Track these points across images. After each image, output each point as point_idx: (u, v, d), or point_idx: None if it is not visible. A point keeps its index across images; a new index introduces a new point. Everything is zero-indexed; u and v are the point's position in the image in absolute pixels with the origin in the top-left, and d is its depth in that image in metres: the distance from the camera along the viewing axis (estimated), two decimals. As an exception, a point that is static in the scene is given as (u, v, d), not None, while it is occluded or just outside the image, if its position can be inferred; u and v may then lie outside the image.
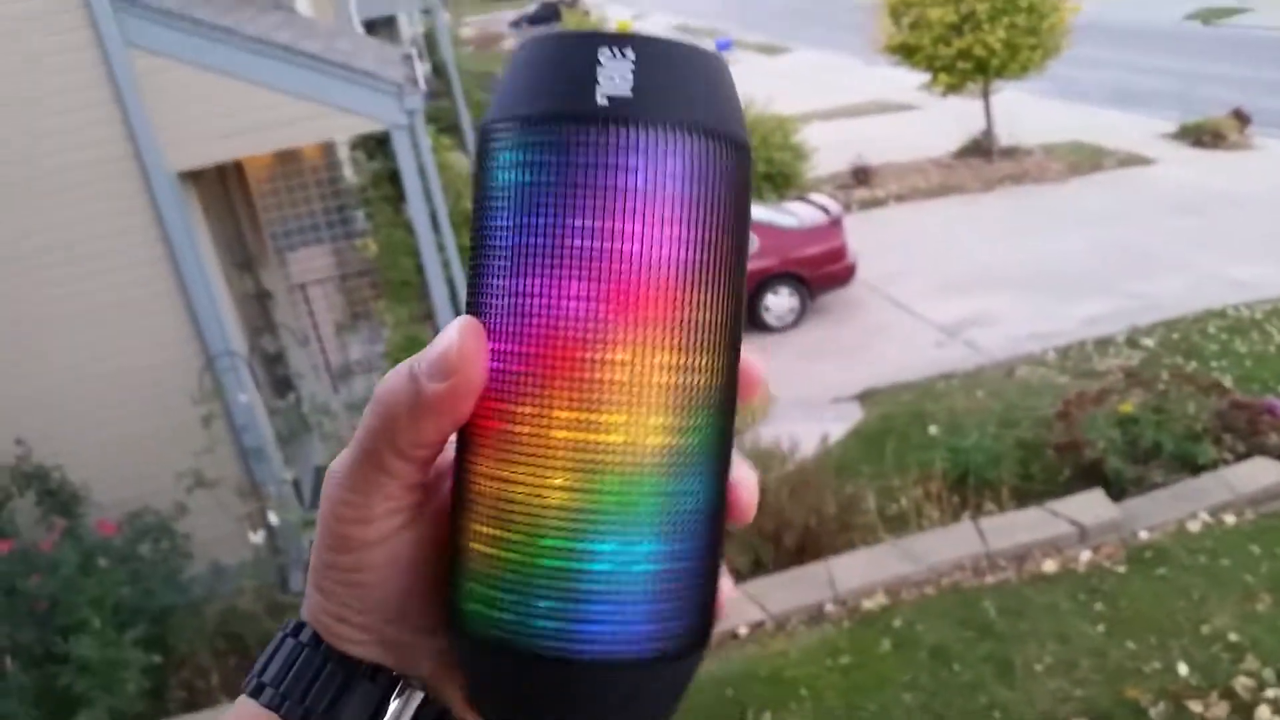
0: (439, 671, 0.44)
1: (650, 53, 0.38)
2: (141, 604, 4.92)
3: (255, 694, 0.43)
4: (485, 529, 0.39)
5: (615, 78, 0.37)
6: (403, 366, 0.40)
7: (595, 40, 0.38)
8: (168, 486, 5.20)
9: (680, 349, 0.38)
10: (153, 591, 5.02)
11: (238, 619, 5.16)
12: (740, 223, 0.39)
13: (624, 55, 0.38)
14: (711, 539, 0.40)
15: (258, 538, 5.36)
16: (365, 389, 6.89)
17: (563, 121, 0.37)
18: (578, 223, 0.37)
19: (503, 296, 0.38)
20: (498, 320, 0.39)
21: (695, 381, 0.38)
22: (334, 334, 8.06)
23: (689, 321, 0.38)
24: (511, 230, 0.38)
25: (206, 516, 5.34)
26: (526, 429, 0.38)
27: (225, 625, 5.18)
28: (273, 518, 5.55)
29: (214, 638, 5.14)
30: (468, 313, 0.40)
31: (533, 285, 0.38)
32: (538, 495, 0.38)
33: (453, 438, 0.41)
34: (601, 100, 0.37)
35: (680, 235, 0.38)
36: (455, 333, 0.39)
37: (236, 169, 7.17)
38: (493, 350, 0.39)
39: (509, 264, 0.38)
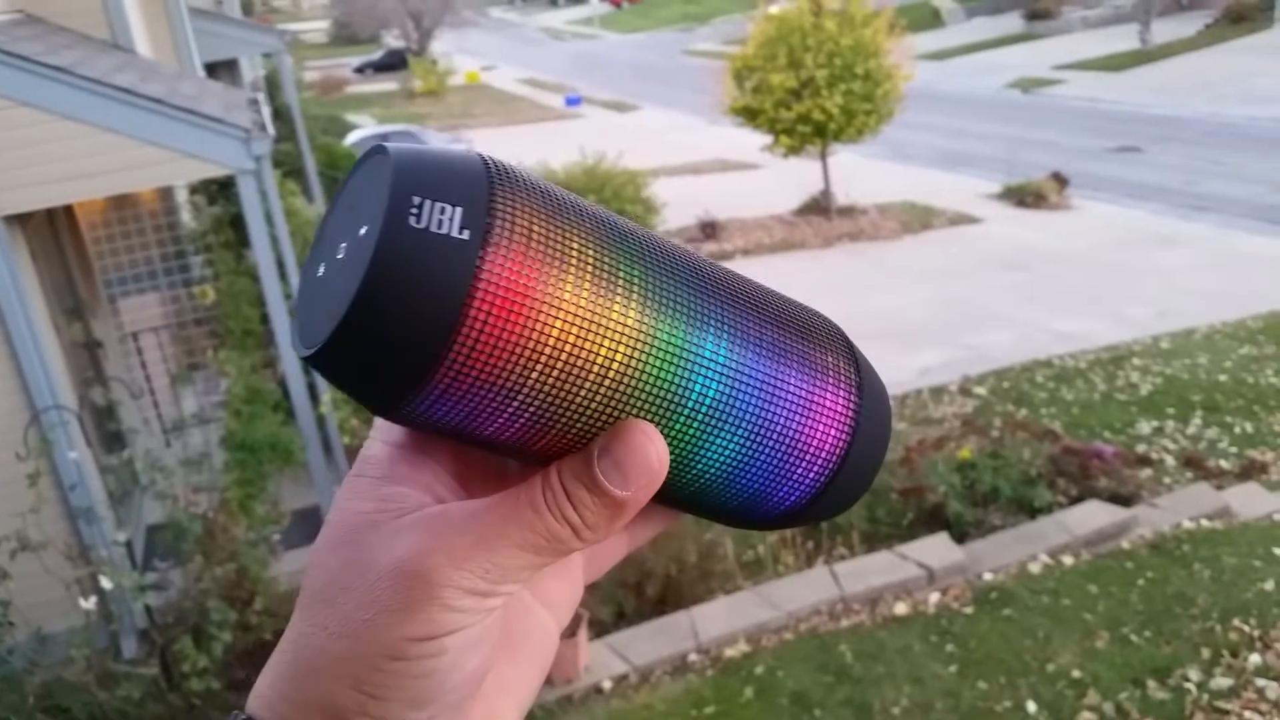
0: None
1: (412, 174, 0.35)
2: (-50, 680, 4.53)
3: None
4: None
5: (443, 216, 0.34)
6: (575, 481, 0.38)
7: (396, 204, 0.34)
8: (-13, 550, 4.83)
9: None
10: (-36, 665, 4.63)
11: (64, 690, 4.81)
12: None
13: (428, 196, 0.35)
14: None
15: (89, 604, 5.03)
16: (201, 442, 6.59)
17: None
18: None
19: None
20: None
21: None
22: (168, 385, 7.69)
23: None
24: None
25: (30, 581, 4.97)
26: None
27: (49, 698, 4.82)
28: (105, 582, 5.22)
29: (35, 713, 4.77)
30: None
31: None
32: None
33: None
34: (460, 234, 0.34)
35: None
36: (645, 440, 0.39)
37: (67, 211, 6.82)
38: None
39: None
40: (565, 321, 0.36)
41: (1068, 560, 5.18)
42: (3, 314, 5.16)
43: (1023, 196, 14.02)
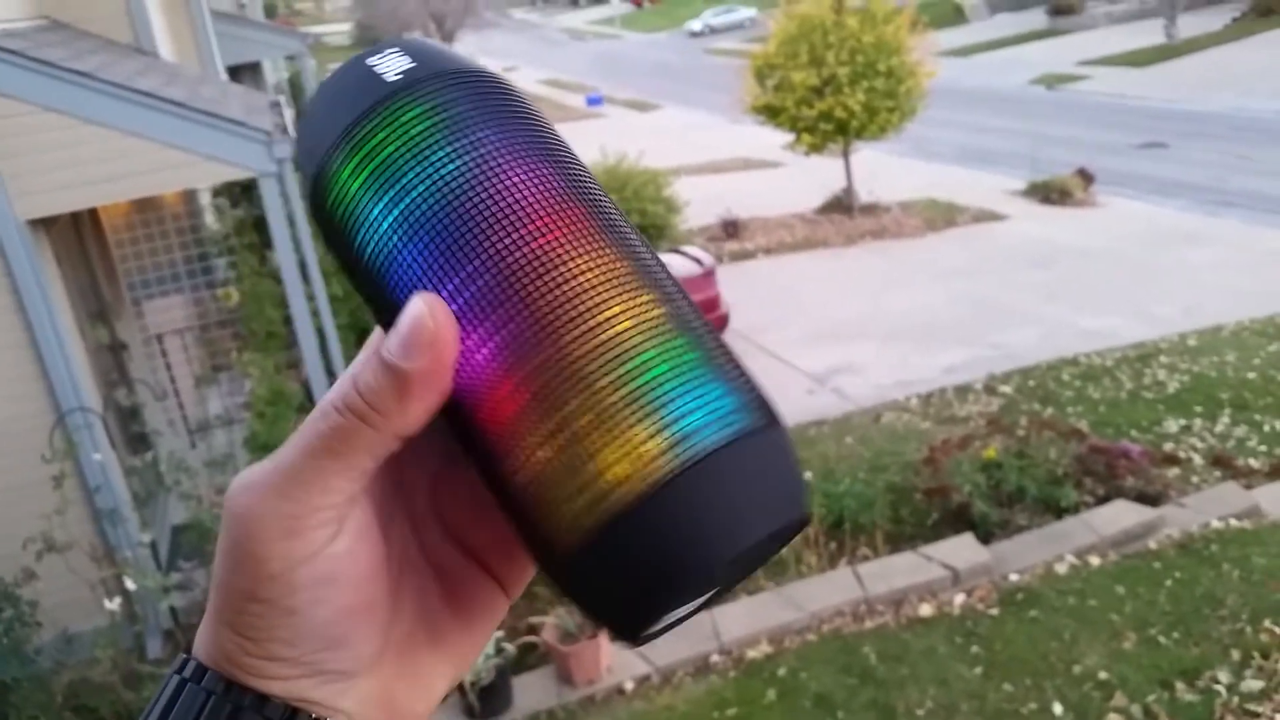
0: (369, 704, 0.41)
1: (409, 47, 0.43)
2: (-21, 679, 4.57)
3: None
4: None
5: (390, 63, 0.41)
6: (363, 366, 0.38)
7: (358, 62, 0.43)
8: (14, 552, 4.87)
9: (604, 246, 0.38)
10: (-7, 665, 4.67)
11: (90, 690, 4.84)
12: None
13: (390, 51, 0.42)
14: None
15: (113, 604, 5.06)
16: (225, 444, 6.62)
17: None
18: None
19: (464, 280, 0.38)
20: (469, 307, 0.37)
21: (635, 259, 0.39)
22: (193, 387, 7.74)
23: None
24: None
25: (57, 581, 5.01)
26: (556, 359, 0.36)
27: (75, 698, 4.85)
28: (129, 583, 5.25)
29: (63, 712, 4.81)
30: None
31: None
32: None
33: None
34: (394, 77, 0.41)
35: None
36: (422, 305, 0.37)
37: (92, 215, 6.87)
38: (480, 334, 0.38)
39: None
40: (426, 187, 0.38)
41: (1094, 561, 5.12)
42: (28, 317, 5.20)
43: (1048, 193, 13.91)
